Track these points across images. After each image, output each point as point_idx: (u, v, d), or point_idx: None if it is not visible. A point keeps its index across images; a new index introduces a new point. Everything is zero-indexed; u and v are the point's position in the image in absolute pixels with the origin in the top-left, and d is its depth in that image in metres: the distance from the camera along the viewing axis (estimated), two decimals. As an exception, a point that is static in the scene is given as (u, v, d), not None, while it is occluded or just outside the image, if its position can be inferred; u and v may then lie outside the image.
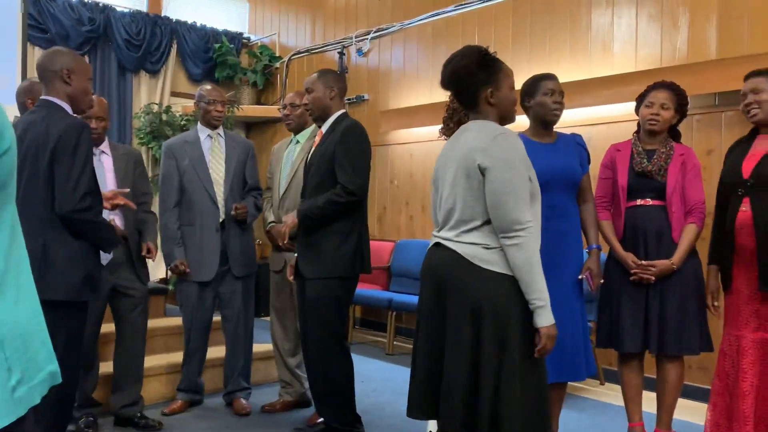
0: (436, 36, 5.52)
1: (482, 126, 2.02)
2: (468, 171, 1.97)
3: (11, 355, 1.10)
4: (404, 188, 5.69)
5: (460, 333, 1.94)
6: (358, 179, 2.84)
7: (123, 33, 6.47)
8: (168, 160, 3.52)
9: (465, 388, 1.92)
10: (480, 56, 2.01)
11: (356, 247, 2.89)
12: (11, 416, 1.08)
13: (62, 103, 2.45)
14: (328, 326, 2.86)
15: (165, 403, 3.56)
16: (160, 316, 4.24)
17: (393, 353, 4.99)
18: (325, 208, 2.82)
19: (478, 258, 1.94)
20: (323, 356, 2.89)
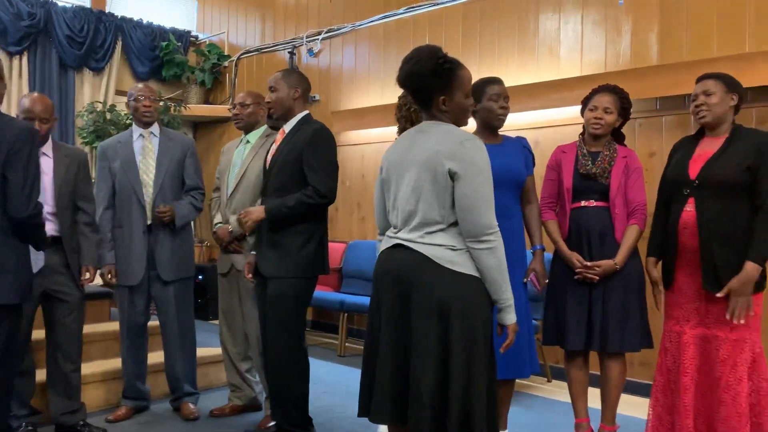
0: (387, 37, 5.54)
1: (445, 130, 2.03)
2: (435, 175, 1.98)
3: None
4: (356, 189, 5.69)
5: (427, 334, 1.95)
6: (329, 182, 2.85)
7: (65, 29, 6.26)
8: (101, 161, 3.44)
9: (434, 389, 1.93)
10: (436, 63, 2.00)
11: (318, 247, 2.89)
12: None
13: None
14: (289, 326, 2.85)
15: (110, 410, 3.47)
16: (104, 320, 4.12)
17: (345, 355, 4.98)
18: (295, 208, 2.81)
19: (444, 259, 1.96)
20: (281, 355, 2.86)
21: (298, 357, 2.89)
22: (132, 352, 3.44)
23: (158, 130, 3.49)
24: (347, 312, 5.00)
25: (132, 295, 3.38)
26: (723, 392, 2.48)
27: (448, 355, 1.93)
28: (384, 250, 2.11)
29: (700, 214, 2.53)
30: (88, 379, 3.45)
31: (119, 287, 3.39)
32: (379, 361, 2.05)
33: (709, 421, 2.54)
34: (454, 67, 2.04)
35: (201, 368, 3.70)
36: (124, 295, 3.39)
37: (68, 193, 3.07)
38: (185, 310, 3.48)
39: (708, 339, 2.56)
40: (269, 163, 2.98)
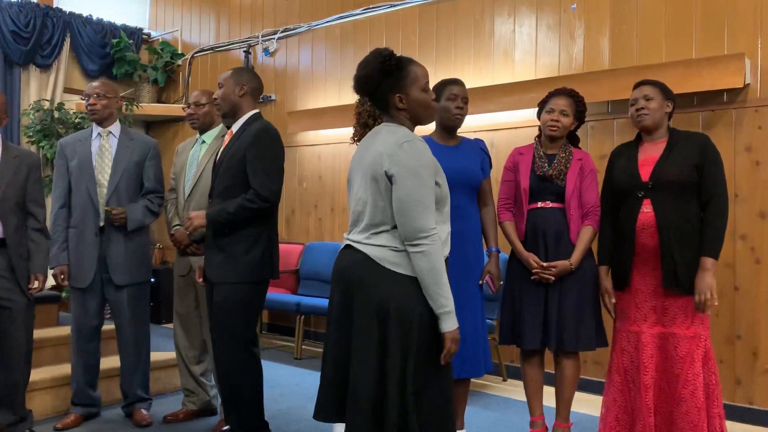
0: (344, 38, 5.52)
1: (391, 131, 2.02)
2: (375, 176, 1.98)
3: None
4: (313, 190, 5.65)
5: (366, 334, 1.94)
6: (271, 185, 2.76)
7: (9, 24, 6.04)
8: (59, 159, 3.35)
9: (371, 391, 1.91)
10: (383, 63, 1.99)
11: (265, 251, 2.82)
12: None
13: None
14: (235, 331, 2.79)
15: (59, 418, 3.36)
16: (52, 325, 3.99)
17: (301, 358, 4.94)
18: (237, 213, 2.72)
19: (385, 260, 1.95)
20: (230, 362, 2.81)
21: (248, 363, 2.83)
22: (83, 356, 3.34)
23: (118, 129, 3.40)
24: (304, 314, 4.96)
25: (83, 298, 3.29)
26: (682, 388, 2.56)
27: (385, 356, 1.92)
28: (339, 251, 2.11)
29: (659, 214, 2.61)
30: (36, 385, 3.33)
31: (71, 289, 3.30)
32: (323, 360, 2.05)
33: (669, 417, 2.60)
34: (402, 63, 2.03)
35: (153, 373, 3.62)
36: (76, 298, 3.30)
37: (15, 196, 2.96)
38: (140, 314, 3.39)
39: (666, 337, 2.62)
40: (216, 164, 2.91)
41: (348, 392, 1.95)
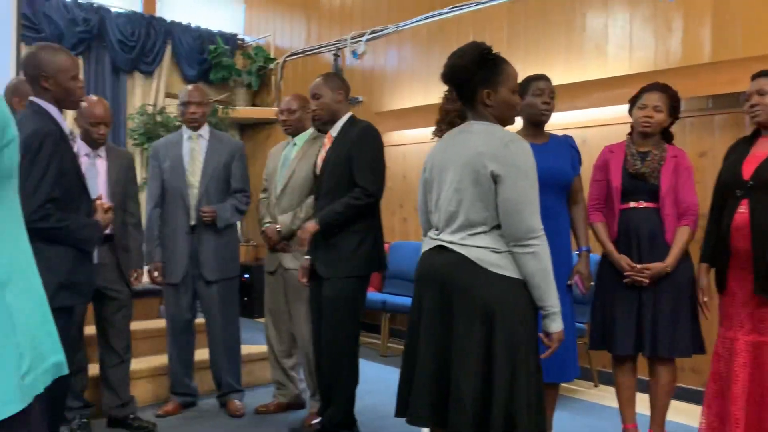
0: (430, 38, 5.53)
1: (488, 130, 1.99)
2: (477, 176, 1.95)
3: (22, 342, 1.10)
4: (398, 190, 5.69)
5: (469, 337, 1.92)
6: (376, 181, 2.90)
7: (117, 34, 6.45)
8: (153, 161, 3.54)
9: (476, 393, 1.90)
10: (481, 55, 1.98)
11: (373, 245, 2.93)
12: (21, 404, 1.09)
13: (47, 105, 2.39)
14: (345, 326, 2.88)
15: (159, 405, 3.56)
16: (153, 317, 4.23)
17: (387, 355, 4.98)
18: (345, 212, 2.85)
19: (487, 261, 1.93)
20: (338, 357, 2.89)
21: (351, 358, 2.92)
22: (178, 348, 3.52)
23: (208, 132, 3.56)
24: (389, 312, 5.01)
25: (176, 293, 3.46)
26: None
27: (490, 359, 1.90)
28: (425, 252, 2.10)
29: (754, 215, 2.45)
30: (138, 374, 3.54)
31: (166, 285, 3.48)
32: (418, 363, 2.03)
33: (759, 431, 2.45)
34: (498, 60, 2.01)
35: (246, 365, 3.76)
36: (170, 293, 3.48)
37: (120, 194, 3.19)
38: (229, 308, 3.54)
39: (760, 346, 2.47)
40: (320, 167, 3.02)
41: (450, 396, 1.94)
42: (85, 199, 2.46)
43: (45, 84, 2.38)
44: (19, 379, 1.09)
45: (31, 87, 2.42)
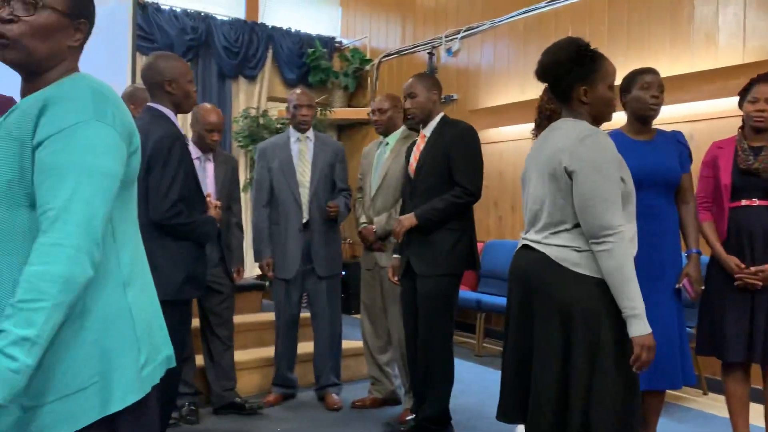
0: (527, 33, 5.43)
1: (571, 126, 1.96)
2: (554, 173, 1.92)
3: (141, 336, 1.20)
4: (493, 188, 5.63)
5: (548, 337, 1.90)
6: (476, 180, 2.93)
7: (223, 40, 6.77)
8: (260, 161, 3.68)
9: (554, 394, 1.87)
10: (578, 51, 1.94)
11: (469, 243, 2.97)
12: (140, 393, 1.19)
13: (165, 110, 2.55)
14: (441, 324, 2.93)
15: (260, 396, 3.71)
16: (256, 311, 4.42)
17: (482, 355, 4.95)
18: (446, 209, 2.89)
19: (566, 260, 1.89)
20: (433, 354, 2.92)
21: (446, 356, 2.95)
22: (285, 342, 3.66)
23: (313, 134, 3.70)
24: (484, 312, 4.97)
25: (287, 288, 3.60)
26: None
27: (569, 360, 1.86)
28: (516, 251, 2.09)
29: None
30: (241, 365, 3.71)
31: (276, 280, 3.63)
32: (505, 361, 2.05)
33: None
34: (596, 55, 1.96)
35: (343, 360, 3.85)
36: (281, 288, 3.61)
37: (225, 195, 3.40)
38: (335, 304, 3.66)
39: None
40: (414, 167, 3.05)
41: (530, 394, 1.93)
42: (199, 198, 2.62)
43: (168, 88, 2.53)
44: (138, 370, 1.19)
45: (151, 93, 2.59)
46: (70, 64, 1.25)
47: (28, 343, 1.03)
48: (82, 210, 1.09)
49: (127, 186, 1.24)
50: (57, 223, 1.08)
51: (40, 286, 1.04)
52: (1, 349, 1.03)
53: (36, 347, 1.04)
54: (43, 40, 1.19)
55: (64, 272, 1.06)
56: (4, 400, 1.03)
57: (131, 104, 3.29)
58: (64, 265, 1.06)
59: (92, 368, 1.13)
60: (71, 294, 1.07)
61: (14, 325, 1.03)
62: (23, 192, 1.13)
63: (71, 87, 1.17)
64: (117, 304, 1.18)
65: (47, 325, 1.04)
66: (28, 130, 1.13)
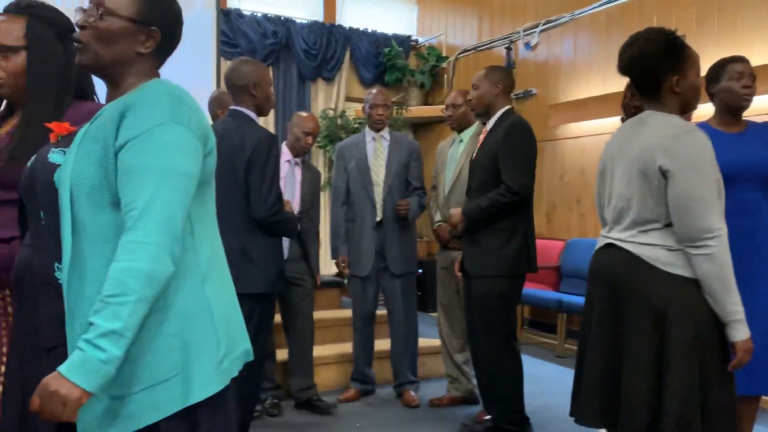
0: (609, 24, 5.25)
1: (662, 120, 1.88)
2: (646, 171, 1.84)
3: (219, 329, 1.25)
4: (575, 184, 5.48)
5: (641, 340, 1.83)
6: (522, 178, 2.82)
7: (302, 43, 6.92)
8: (338, 161, 3.76)
9: (648, 398, 1.80)
10: (667, 41, 1.88)
11: (521, 245, 2.86)
12: (219, 385, 1.24)
13: (250, 112, 2.69)
14: (495, 324, 2.87)
15: (339, 391, 3.77)
16: (335, 307, 4.50)
17: (564, 356, 4.84)
18: (489, 208, 2.84)
19: (658, 260, 1.82)
20: (490, 354, 2.89)
21: (507, 356, 2.89)
22: (362, 338, 3.71)
23: (388, 133, 3.72)
24: (565, 312, 4.85)
25: (363, 286, 3.65)
26: None
27: (663, 364, 1.78)
28: (596, 250, 2.02)
29: None
30: (321, 360, 3.79)
31: (353, 277, 3.68)
32: (586, 363, 1.97)
33: None
34: (684, 44, 1.90)
35: (420, 358, 3.87)
36: (357, 285, 3.67)
37: (308, 200, 3.50)
38: (410, 302, 3.67)
39: None
40: (472, 162, 3.03)
41: (621, 399, 1.86)
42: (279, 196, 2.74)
43: (253, 92, 2.67)
44: (217, 363, 1.24)
45: (235, 96, 2.71)
46: (145, 70, 1.30)
47: (115, 336, 1.10)
48: (162, 208, 1.15)
49: (204, 185, 1.29)
50: (140, 221, 1.14)
51: (124, 281, 1.11)
52: (91, 341, 1.10)
53: (123, 339, 1.11)
54: (107, 45, 1.26)
55: (147, 268, 1.12)
56: (94, 388, 1.10)
57: (218, 108, 3.43)
58: (146, 262, 1.12)
59: (174, 360, 1.19)
60: (154, 288, 1.13)
61: (102, 319, 1.10)
62: (108, 193, 1.20)
63: (149, 92, 1.23)
64: (197, 298, 1.24)
65: (132, 319, 1.11)
66: (110, 134, 1.20)
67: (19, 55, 1.59)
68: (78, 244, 1.21)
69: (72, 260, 1.21)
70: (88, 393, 1.10)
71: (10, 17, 1.63)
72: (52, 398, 1.09)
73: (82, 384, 1.09)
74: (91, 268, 1.19)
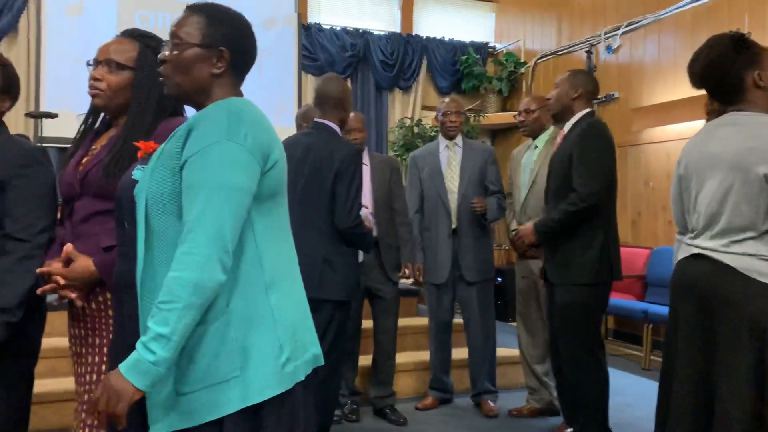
0: (696, 24, 5.04)
1: (758, 121, 1.80)
2: (746, 176, 1.77)
3: (282, 335, 1.31)
4: (661, 191, 5.28)
5: (736, 355, 1.75)
6: (593, 183, 2.73)
7: (380, 54, 7.02)
8: (412, 169, 3.78)
9: (745, 417, 1.72)
10: (733, 41, 1.83)
11: (601, 252, 2.78)
12: (279, 388, 1.29)
13: (334, 126, 2.80)
14: (577, 333, 2.81)
15: (417, 398, 3.79)
16: (412, 315, 4.52)
17: (650, 368, 4.66)
18: (562, 220, 2.78)
19: (756, 271, 1.74)
20: (573, 365, 2.83)
21: (591, 367, 2.81)
22: (439, 346, 3.71)
23: (461, 141, 3.73)
24: (651, 323, 4.67)
25: (439, 294, 3.65)
26: None
27: (763, 379, 1.70)
28: (682, 260, 1.94)
29: None
30: (400, 367, 3.81)
31: (428, 285, 3.69)
32: (676, 378, 1.89)
33: None
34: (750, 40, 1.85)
35: (499, 368, 3.83)
36: (432, 293, 3.68)
37: (383, 195, 3.47)
38: (487, 310, 3.64)
39: None
40: (549, 166, 2.98)
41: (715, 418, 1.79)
42: None
43: (340, 107, 2.81)
44: (279, 367, 1.29)
45: (324, 110, 2.82)
46: (223, 90, 1.39)
47: (164, 339, 1.19)
48: (211, 222, 1.22)
49: (270, 197, 1.35)
50: (190, 234, 1.23)
51: (174, 289, 1.20)
52: (145, 343, 1.20)
53: (171, 343, 1.19)
54: (185, 73, 1.36)
55: (194, 278, 1.20)
56: (145, 387, 1.20)
57: (303, 121, 3.52)
58: (193, 272, 1.20)
59: (234, 363, 1.26)
60: (201, 297, 1.21)
61: (154, 323, 1.20)
62: (176, 205, 1.29)
63: (211, 111, 1.32)
64: (259, 305, 1.30)
65: (179, 324, 1.19)
66: (178, 152, 1.30)
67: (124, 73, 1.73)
68: (151, 250, 1.32)
69: (145, 265, 1.32)
70: (140, 391, 1.20)
71: (125, 40, 1.78)
72: (109, 392, 1.20)
73: (134, 382, 1.19)
74: (161, 272, 1.28)
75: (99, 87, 1.72)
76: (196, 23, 1.37)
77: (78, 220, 1.71)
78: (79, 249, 1.64)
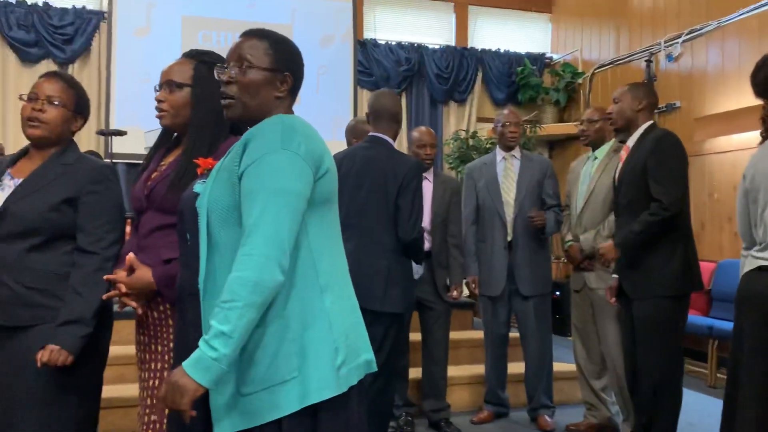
0: (762, 29, 4.88)
1: None
2: None
3: (338, 338, 1.35)
4: (726, 202, 5.11)
5: None
6: (674, 191, 2.70)
7: (434, 68, 7.06)
8: (468, 181, 3.78)
9: None
10: None
11: (684, 262, 2.72)
12: (336, 390, 1.33)
13: (389, 139, 2.86)
14: (662, 350, 2.72)
15: (473, 412, 3.77)
16: (467, 328, 4.51)
17: (715, 386, 4.49)
18: (644, 231, 2.71)
19: None
20: (655, 381, 2.73)
21: (673, 386, 2.73)
22: (494, 360, 3.69)
23: (519, 152, 3.72)
24: (717, 339, 4.51)
25: (494, 307, 3.63)
26: None
27: None
28: (747, 273, 1.89)
29: None
30: (455, 381, 3.81)
31: (482, 297, 3.68)
32: (741, 396, 1.84)
33: None
34: None
35: (556, 383, 3.77)
36: (487, 306, 3.66)
37: (441, 214, 3.50)
38: (543, 324, 3.60)
39: None
40: (617, 179, 2.93)
41: None
42: None
43: (398, 120, 2.91)
44: (335, 369, 1.33)
45: (377, 123, 2.89)
46: (279, 111, 1.46)
47: (225, 337, 1.24)
48: (269, 224, 1.29)
49: (322, 204, 1.41)
50: (250, 237, 1.29)
51: (235, 289, 1.25)
52: (207, 340, 1.25)
53: (232, 340, 1.24)
54: (253, 96, 1.43)
55: (254, 277, 1.25)
56: (207, 383, 1.25)
57: (353, 137, 3.59)
58: (253, 271, 1.26)
59: (292, 364, 1.31)
60: (261, 295, 1.26)
61: (217, 322, 1.25)
62: (236, 213, 1.36)
63: (266, 125, 1.40)
64: (315, 307, 1.35)
65: (240, 322, 1.24)
66: (236, 164, 1.37)
67: (183, 91, 1.83)
68: (212, 258, 1.39)
69: (207, 272, 1.39)
70: (203, 387, 1.25)
71: (183, 60, 1.89)
72: (173, 388, 1.25)
73: (197, 378, 1.24)
74: (221, 278, 1.34)
75: (162, 108, 1.83)
76: (262, 48, 1.45)
77: (143, 233, 1.81)
78: (142, 261, 1.74)
